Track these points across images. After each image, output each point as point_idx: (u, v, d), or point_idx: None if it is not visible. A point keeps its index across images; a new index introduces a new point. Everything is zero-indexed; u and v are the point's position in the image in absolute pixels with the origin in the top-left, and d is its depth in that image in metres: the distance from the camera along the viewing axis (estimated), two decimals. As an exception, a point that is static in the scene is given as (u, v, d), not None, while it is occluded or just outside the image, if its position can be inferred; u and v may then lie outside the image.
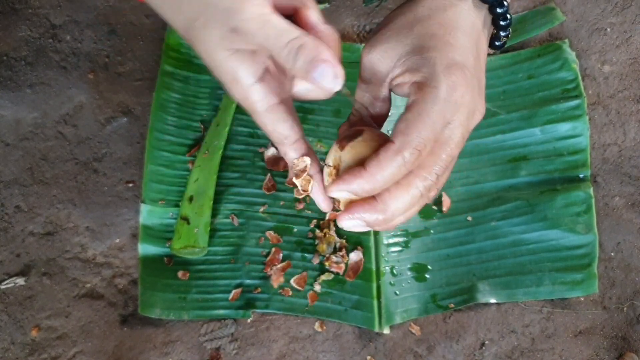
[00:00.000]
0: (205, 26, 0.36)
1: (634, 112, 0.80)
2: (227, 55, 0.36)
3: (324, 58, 0.35)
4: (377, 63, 0.42)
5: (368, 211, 0.37)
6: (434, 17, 0.40)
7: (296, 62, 0.35)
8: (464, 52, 0.38)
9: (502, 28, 0.43)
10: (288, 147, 0.40)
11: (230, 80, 0.37)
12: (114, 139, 0.78)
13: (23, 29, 0.80)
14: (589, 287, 0.72)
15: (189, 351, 0.72)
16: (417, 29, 0.39)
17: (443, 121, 0.36)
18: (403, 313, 0.73)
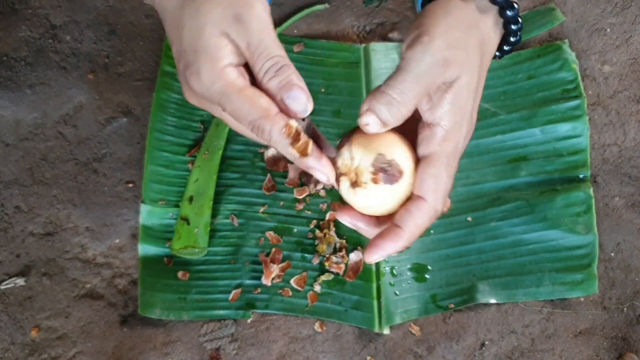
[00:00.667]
0: (210, 0, 0.36)
1: (634, 113, 0.80)
2: (217, 33, 0.36)
3: (301, 86, 0.37)
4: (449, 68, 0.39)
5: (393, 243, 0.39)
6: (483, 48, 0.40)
7: (275, 77, 0.36)
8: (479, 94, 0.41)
9: (513, 32, 0.43)
10: (272, 119, 0.36)
11: (205, 59, 0.36)
12: (114, 139, 0.78)
13: (23, 29, 0.80)
14: (589, 287, 0.72)
15: (189, 351, 0.72)
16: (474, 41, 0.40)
17: (457, 167, 0.40)
18: (403, 313, 0.73)
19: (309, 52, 0.81)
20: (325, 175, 0.38)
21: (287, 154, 0.37)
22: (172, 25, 0.38)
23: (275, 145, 0.37)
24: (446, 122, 0.38)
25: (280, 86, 0.37)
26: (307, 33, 0.83)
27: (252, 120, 0.37)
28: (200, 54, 0.36)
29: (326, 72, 0.81)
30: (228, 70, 0.37)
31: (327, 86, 0.80)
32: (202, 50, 0.36)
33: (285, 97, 0.36)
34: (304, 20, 0.83)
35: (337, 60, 0.81)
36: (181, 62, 0.38)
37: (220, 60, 0.36)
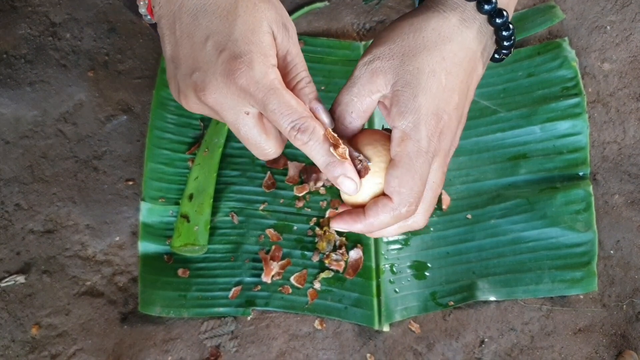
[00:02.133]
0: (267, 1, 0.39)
1: (634, 110, 0.80)
2: (269, 32, 0.38)
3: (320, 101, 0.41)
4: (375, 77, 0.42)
5: (354, 222, 0.42)
6: (438, 48, 0.41)
7: (309, 86, 0.41)
8: (451, 95, 0.41)
9: (505, 38, 0.43)
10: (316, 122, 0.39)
11: (259, 52, 0.37)
12: (114, 137, 0.78)
13: (23, 27, 0.80)
14: (588, 285, 0.72)
15: (189, 349, 0.72)
16: (421, 57, 0.40)
17: (428, 169, 0.40)
18: (403, 311, 0.73)
19: (309, 49, 0.81)
20: (355, 184, 0.40)
21: (324, 156, 0.39)
22: (217, 15, 0.38)
23: (312, 148, 0.38)
24: (399, 123, 0.39)
25: (313, 96, 0.40)
26: (307, 30, 0.83)
27: (297, 119, 0.38)
28: (255, 46, 0.37)
29: (326, 70, 0.81)
30: (275, 70, 0.38)
31: (327, 84, 0.80)
32: (257, 43, 0.37)
33: (315, 106, 0.40)
34: (304, 18, 0.83)
35: (337, 57, 0.81)
36: (226, 52, 0.37)
37: (271, 57, 0.38)
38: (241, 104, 0.38)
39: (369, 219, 0.41)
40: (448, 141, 0.41)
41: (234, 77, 0.37)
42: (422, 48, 0.40)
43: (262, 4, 0.38)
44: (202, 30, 0.38)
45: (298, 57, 0.40)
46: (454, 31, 0.41)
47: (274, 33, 0.38)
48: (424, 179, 0.40)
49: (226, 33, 0.37)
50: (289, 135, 0.38)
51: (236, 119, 0.39)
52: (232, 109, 0.38)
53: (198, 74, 0.38)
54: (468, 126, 0.78)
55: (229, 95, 0.38)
